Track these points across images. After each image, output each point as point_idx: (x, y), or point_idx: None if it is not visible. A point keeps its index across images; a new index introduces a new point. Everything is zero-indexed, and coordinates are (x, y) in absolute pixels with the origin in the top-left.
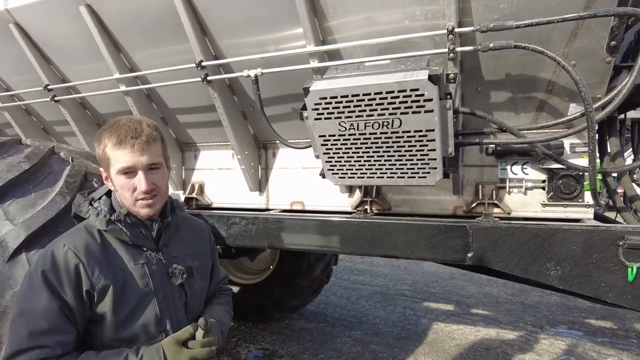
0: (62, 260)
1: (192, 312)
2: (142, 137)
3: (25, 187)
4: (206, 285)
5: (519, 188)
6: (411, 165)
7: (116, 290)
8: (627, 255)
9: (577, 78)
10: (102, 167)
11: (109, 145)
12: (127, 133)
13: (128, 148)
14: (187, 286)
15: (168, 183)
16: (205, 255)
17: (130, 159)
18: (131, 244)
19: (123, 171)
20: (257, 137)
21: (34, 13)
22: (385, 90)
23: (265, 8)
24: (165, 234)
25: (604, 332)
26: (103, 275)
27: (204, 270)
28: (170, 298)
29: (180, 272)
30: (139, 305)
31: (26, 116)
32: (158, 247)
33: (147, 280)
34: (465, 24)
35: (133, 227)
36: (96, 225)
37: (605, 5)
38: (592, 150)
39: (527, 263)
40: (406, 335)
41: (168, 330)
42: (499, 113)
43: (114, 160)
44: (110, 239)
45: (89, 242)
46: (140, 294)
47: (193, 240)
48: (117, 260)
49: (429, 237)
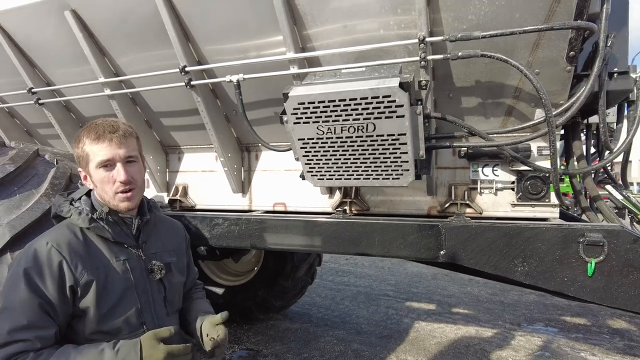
0: (45, 257)
1: (171, 305)
2: (119, 131)
3: (10, 189)
4: (183, 279)
5: (489, 189)
6: (385, 167)
7: (99, 285)
8: (587, 252)
9: (538, 86)
10: (81, 165)
11: (87, 141)
12: (104, 129)
13: (106, 142)
14: (166, 281)
15: (145, 179)
16: (182, 251)
17: (108, 151)
18: (112, 241)
19: (102, 164)
20: (240, 140)
21: (19, 17)
22: (359, 97)
23: (246, 16)
24: (144, 231)
25: (578, 328)
26: (86, 271)
27: (181, 266)
28: (150, 292)
29: (159, 268)
30: (121, 299)
31: (9, 119)
32: (138, 244)
33: (129, 275)
34: (436, 33)
35: (114, 224)
36: (78, 223)
37: (563, 18)
38: (554, 153)
39: (496, 260)
40: (388, 334)
41: (148, 323)
42: (471, 117)
43: (92, 155)
44: (92, 237)
45: (72, 239)
46: (122, 288)
47: (170, 237)
48: (99, 257)
49: (404, 236)
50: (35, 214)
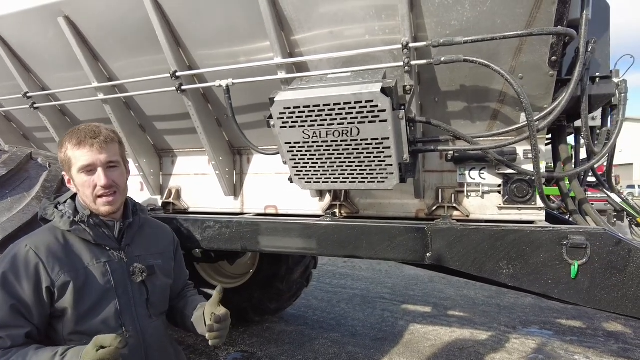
0: (22, 260)
1: (155, 308)
2: (100, 137)
3: (2, 192)
4: (169, 282)
5: (476, 192)
6: (370, 171)
7: (77, 287)
8: (570, 254)
9: (519, 90)
10: (64, 169)
11: (69, 146)
12: (86, 135)
13: (87, 147)
14: (149, 283)
15: (127, 183)
16: (169, 254)
17: (89, 157)
18: (94, 243)
19: (83, 169)
20: (232, 144)
21: (14, 23)
22: (343, 101)
23: (235, 22)
24: (127, 234)
25: (573, 331)
26: (63, 272)
27: (167, 268)
28: (131, 294)
29: (140, 271)
30: (100, 301)
31: (6, 123)
32: (120, 247)
33: (109, 277)
34: (421, 39)
35: (96, 227)
36: (60, 226)
37: (543, 24)
38: (536, 156)
39: (481, 262)
40: (383, 337)
41: (127, 324)
42: (457, 122)
43: (74, 159)
44: (74, 240)
45: (51, 242)
46: (101, 290)
47: (156, 240)
48: (79, 259)
49: (390, 238)
50: (26, 216)
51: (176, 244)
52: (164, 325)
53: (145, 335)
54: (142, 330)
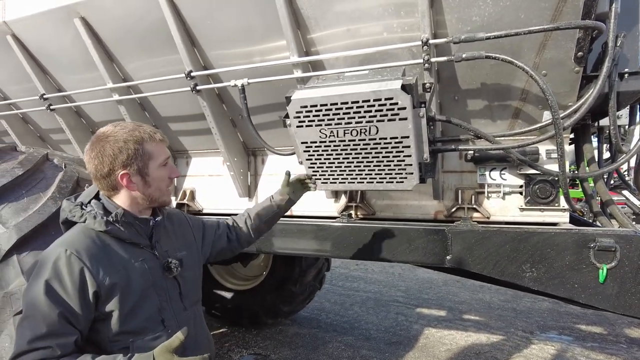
0: (65, 266)
1: (188, 299)
2: (157, 133)
3: (18, 192)
4: (198, 270)
5: (497, 193)
6: (389, 171)
7: (122, 287)
8: (598, 257)
9: (544, 87)
10: (130, 167)
11: (148, 140)
12: (150, 130)
13: (163, 143)
14: (179, 277)
15: None
16: (191, 242)
17: (166, 150)
18: (128, 242)
19: (165, 162)
20: (247, 145)
21: (31, 25)
22: (361, 99)
23: (251, 21)
24: (156, 231)
25: (594, 337)
26: (107, 274)
27: (193, 258)
28: (166, 290)
29: (175, 265)
30: (142, 299)
31: (23, 124)
32: (151, 244)
33: (148, 275)
34: (440, 35)
35: (129, 226)
36: (95, 227)
37: (570, 18)
38: (561, 156)
39: (503, 265)
40: (397, 341)
41: (168, 320)
42: (477, 120)
43: (156, 153)
44: (109, 240)
45: (90, 245)
46: (142, 288)
47: (178, 232)
48: (118, 259)
49: (409, 240)
50: (42, 216)
51: (190, 224)
52: (198, 314)
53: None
54: (180, 323)
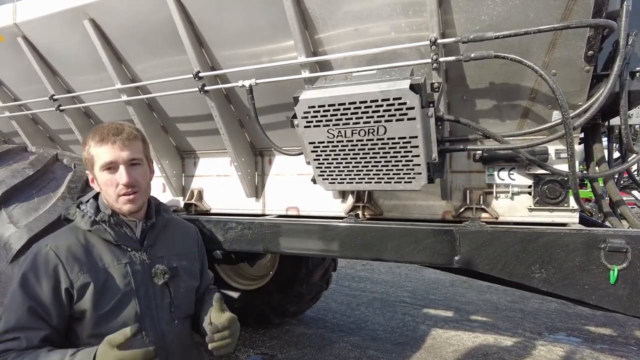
0: (42, 260)
1: (179, 311)
2: (122, 134)
3: (28, 192)
4: (195, 284)
5: (505, 193)
6: (397, 171)
7: (96, 288)
8: (609, 258)
9: (554, 86)
10: (88, 168)
11: (92, 144)
12: (109, 132)
13: (109, 144)
14: (173, 285)
15: (150, 183)
16: (193, 255)
17: (111, 154)
18: (115, 244)
19: (105, 166)
20: (254, 145)
21: (41, 27)
22: (369, 99)
23: (258, 21)
24: (150, 235)
25: (604, 339)
26: (82, 273)
27: (191, 270)
28: (152, 297)
29: (163, 272)
30: (119, 303)
31: (33, 125)
32: (142, 247)
33: (129, 279)
34: (449, 35)
35: (117, 227)
36: (81, 226)
37: (580, 16)
38: (571, 155)
39: (512, 266)
40: (404, 341)
41: (148, 329)
42: (485, 120)
43: (97, 157)
44: (95, 240)
45: (72, 242)
46: (121, 292)
47: (180, 241)
48: (100, 259)
49: (417, 241)
50: (52, 216)
51: (200, 244)
52: (188, 329)
53: (165, 340)
54: (163, 334)
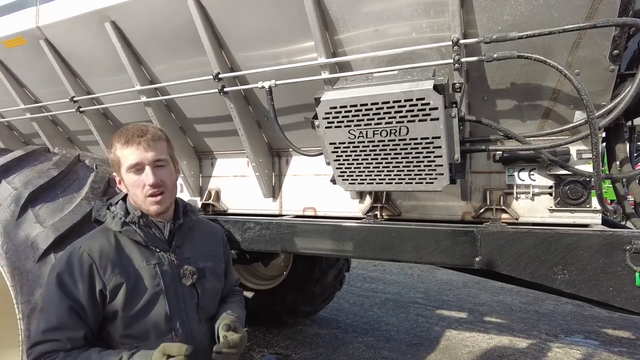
0: (77, 261)
1: (205, 312)
2: (147, 135)
3: (54, 192)
4: (220, 285)
5: (526, 194)
6: (419, 172)
7: (128, 289)
8: (635, 260)
9: (579, 86)
10: (115, 170)
11: (118, 146)
12: (133, 133)
13: (135, 146)
14: (199, 286)
15: (176, 183)
16: (219, 256)
17: (137, 155)
18: (144, 245)
19: (131, 168)
20: (271, 145)
21: (63, 29)
22: (392, 100)
23: (278, 22)
24: (177, 236)
25: (622, 342)
26: (115, 275)
27: (217, 271)
28: (181, 298)
29: (191, 273)
30: (149, 304)
31: (53, 126)
32: (171, 248)
33: (158, 280)
34: (471, 35)
35: (146, 228)
36: (112, 227)
37: (606, 15)
38: (596, 156)
39: (534, 267)
40: (418, 342)
41: (177, 329)
42: (506, 121)
43: (123, 159)
44: (125, 241)
45: (104, 243)
46: (151, 292)
47: (207, 242)
48: (130, 261)
49: (437, 242)
50: (77, 216)
51: (226, 245)
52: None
53: (194, 340)
54: (192, 334)
